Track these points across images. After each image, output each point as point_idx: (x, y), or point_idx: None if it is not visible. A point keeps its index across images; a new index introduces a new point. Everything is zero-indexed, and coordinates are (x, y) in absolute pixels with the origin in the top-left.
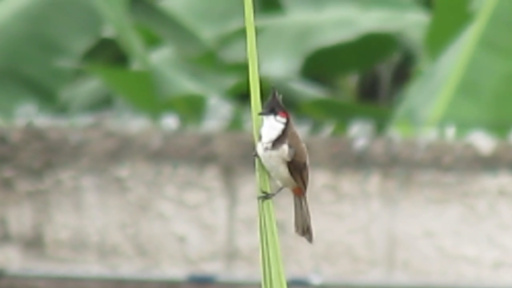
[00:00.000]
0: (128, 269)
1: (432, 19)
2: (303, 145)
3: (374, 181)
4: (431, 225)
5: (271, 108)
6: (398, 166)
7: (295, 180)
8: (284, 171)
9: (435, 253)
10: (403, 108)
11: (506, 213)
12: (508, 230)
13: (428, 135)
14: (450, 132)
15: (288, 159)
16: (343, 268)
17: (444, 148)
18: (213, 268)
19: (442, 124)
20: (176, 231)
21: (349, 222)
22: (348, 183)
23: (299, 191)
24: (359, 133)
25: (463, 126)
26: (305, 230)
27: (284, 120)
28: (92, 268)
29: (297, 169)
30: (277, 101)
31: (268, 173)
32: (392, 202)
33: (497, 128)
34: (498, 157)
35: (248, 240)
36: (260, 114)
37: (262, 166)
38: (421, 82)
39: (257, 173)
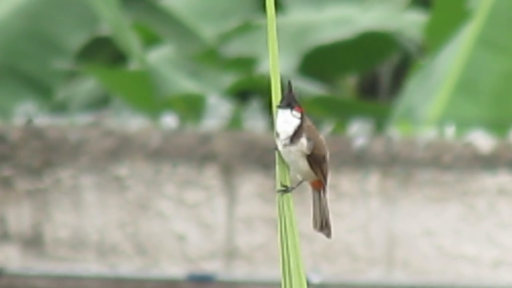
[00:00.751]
0: (127, 268)
1: (431, 16)
2: (322, 137)
3: (373, 180)
4: (431, 224)
5: (288, 102)
6: (398, 165)
7: (315, 173)
8: (304, 164)
9: (435, 252)
10: (402, 104)
11: (506, 212)
12: (507, 229)
13: (427, 134)
14: (450, 131)
15: (308, 152)
16: (342, 267)
17: (443, 147)
18: (213, 267)
19: (441, 122)
20: (176, 230)
21: (348, 221)
22: (348, 181)
23: (319, 185)
24: (359, 131)
25: (463, 125)
26: (323, 225)
27: (299, 115)
28: (92, 266)
29: (317, 162)
30: (293, 95)
31: (288, 167)
32: (392, 201)
33: (496, 127)
34: (497, 156)
35: (248, 239)
36: (278, 107)
37: (281, 159)
38: (420, 79)
39: (277, 167)
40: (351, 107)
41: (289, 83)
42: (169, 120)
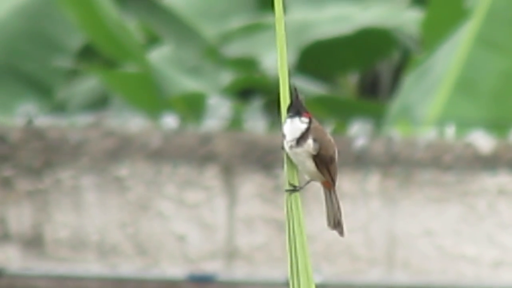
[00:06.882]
0: (127, 268)
1: (427, 13)
2: (330, 138)
3: (374, 180)
4: (431, 224)
5: (296, 110)
6: (398, 165)
7: (322, 174)
8: (310, 165)
9: (435, 252)
10: (399, 103)
11: (506, 212)
12: (507, 229)
13: (427, 134)
14: (450, 131)
15: (314, 153)
16: (343, 267)
17: (444, 147)
18: (213, 267)
19: (441, 123)
20: (176, 230)
21: (349, 221)
22: (348, 182)
23: (328, 184)
24: (359, 132)
25: (463, 125)
26: (336, 223)
27: (307, 120)
28: (92, 267)
29: (323, 162)
30: (300, 102)
31: (296, 167)
32: (392, 201)
33: (496, 127)
34: (498, 156)
35: (248, 239)
36: (288, 116)
37: (289, 159)
38: (417, 77)
39: (285, 166)
40: (352, 106)
41: (295, 90)
42: (170, 121)
